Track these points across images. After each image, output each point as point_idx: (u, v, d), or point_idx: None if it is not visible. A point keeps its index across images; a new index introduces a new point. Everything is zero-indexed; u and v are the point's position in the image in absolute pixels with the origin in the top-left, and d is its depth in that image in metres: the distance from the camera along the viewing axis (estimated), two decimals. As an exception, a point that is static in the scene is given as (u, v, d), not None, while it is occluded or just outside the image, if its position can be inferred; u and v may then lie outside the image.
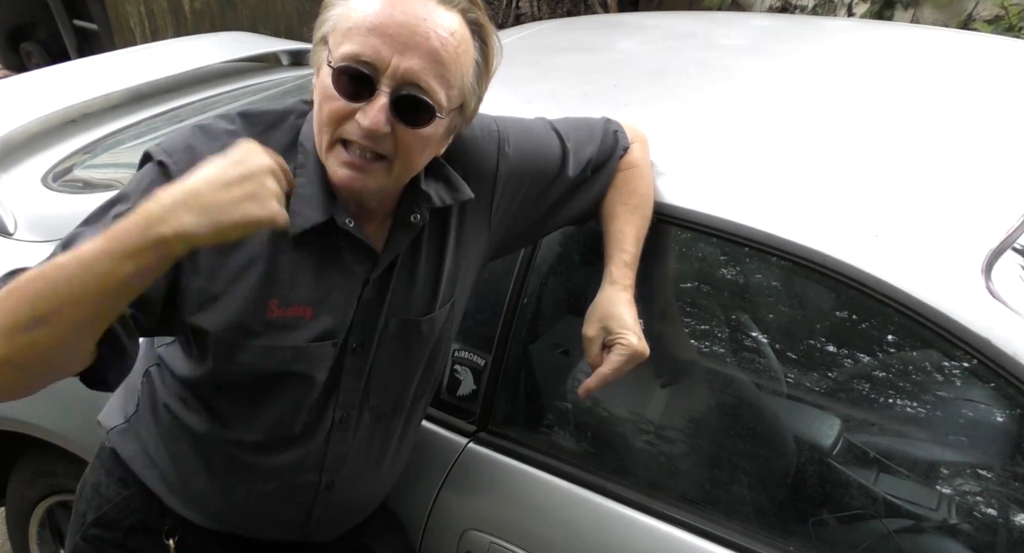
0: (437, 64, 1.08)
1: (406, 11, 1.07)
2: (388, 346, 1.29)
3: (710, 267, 1.57)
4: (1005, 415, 1.30)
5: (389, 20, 1.06)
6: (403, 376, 1.34)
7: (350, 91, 1.08)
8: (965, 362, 1.26)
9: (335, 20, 1.11)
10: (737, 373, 1.55)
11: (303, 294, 1.19)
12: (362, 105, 1.08)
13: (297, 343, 1.20)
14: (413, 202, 1.22)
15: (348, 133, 1.09)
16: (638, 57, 2.10)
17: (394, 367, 1.32)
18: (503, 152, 1.33)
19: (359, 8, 1.08)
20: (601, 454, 1.56)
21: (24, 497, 2.12)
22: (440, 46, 1.08)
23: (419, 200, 1.22)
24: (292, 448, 1.30)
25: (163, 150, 1.14)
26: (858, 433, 1.47)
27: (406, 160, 1.13)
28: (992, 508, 1.32)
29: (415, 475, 1.57)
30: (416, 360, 1.34)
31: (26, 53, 5.79)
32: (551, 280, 1.61)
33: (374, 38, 1.06)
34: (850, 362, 1.47)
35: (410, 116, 1.09)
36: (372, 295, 1.24)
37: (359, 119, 1.08)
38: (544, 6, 5.40)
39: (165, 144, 1.16)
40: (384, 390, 1.33)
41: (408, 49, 1.06)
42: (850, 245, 1.30)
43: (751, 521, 1.40)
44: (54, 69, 2.85)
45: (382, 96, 1.07)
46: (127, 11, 5.18)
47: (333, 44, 1.09)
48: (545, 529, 1.49)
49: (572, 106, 1.84)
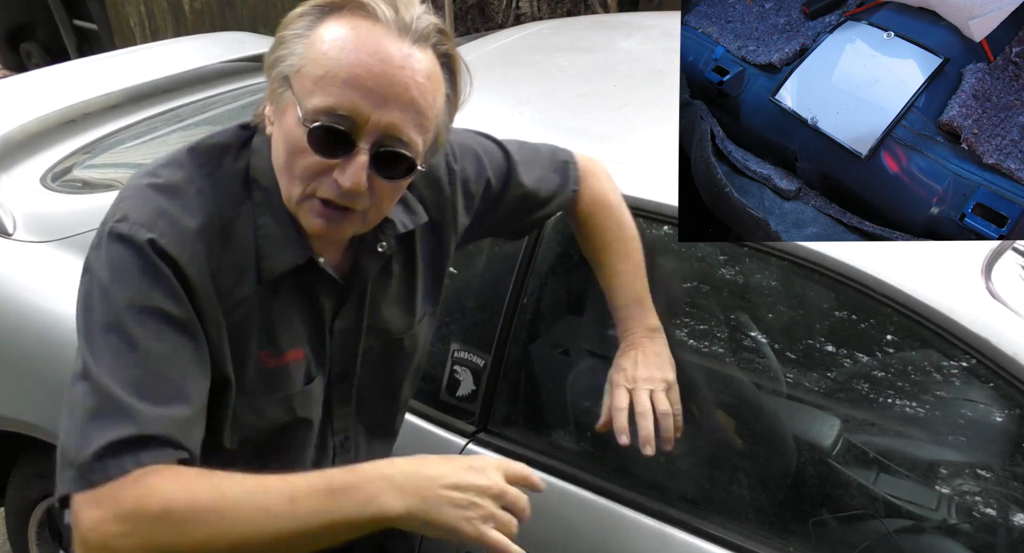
0: (417, 114, 1.02)
1: (384, 59, 0.99)
2: (371, 367, 1.27)
3: (710, 267, 1.57)
4: (1005, 415, 1.30)
5: (367, 72, 0.98)
6: (390, 390, 1.33)
7: (326, 147, 1.00)
8: (965, 362, 1.26)
9: (299, 62, 1.01)
10: (737, 373, 1.55)
11: (291, 337, 1.15)
12: (339, 162, 1.01)
13: (295, 388, 1.17)
14: (379, 230, 1.17)
15: (324, 191, 1.02)
16: (638, 57, 2.10)
17: (379, 384, 1.30)
18: (451, 167, 1.30)
19: (330, 54, 0.99)
20: (601, 455, 1.56)
21: (24, 497, 2.11)
22: (419, 95, 1.01)
23: (384, 228, 1.18)
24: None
25: (140, 225, 1.01)
26: (858, 433, 1.47)
27: (381, 208, 1.09)
28: (992, 508, 1.32)
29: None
30: (402, 373, 1.33)
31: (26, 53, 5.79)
32: (551, 280, 1.61)
33: (351, 91, 0.98)
34: (850, 362, 1.47)
35: (389, 170, 1.03)
36: (348, 323, 1.21)
37: (338, 178, 1.01)
38: (544, 6, 5.40)
39: (135, 216, 1.02)
40: (374, 407, 1.32)
41: (388, 102, 0.99)
42: (850, 245, 1.30)
43: (751, 521, 1.40)
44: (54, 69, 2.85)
45: (362, 154, 1.00)
46: (127, 11, 5.19)
47: (301, 91, 1.01)
48: (545, 529, 1.48)
49: (572, 106, 1.84)
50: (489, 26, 5.47)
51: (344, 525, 0.96)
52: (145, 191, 1.06)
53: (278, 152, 1.05)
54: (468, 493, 0.98)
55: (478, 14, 5.56)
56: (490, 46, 2.41)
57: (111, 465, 0.93)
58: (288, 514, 0.94)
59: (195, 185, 1.07)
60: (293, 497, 0.94)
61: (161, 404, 0.97)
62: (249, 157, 1.12)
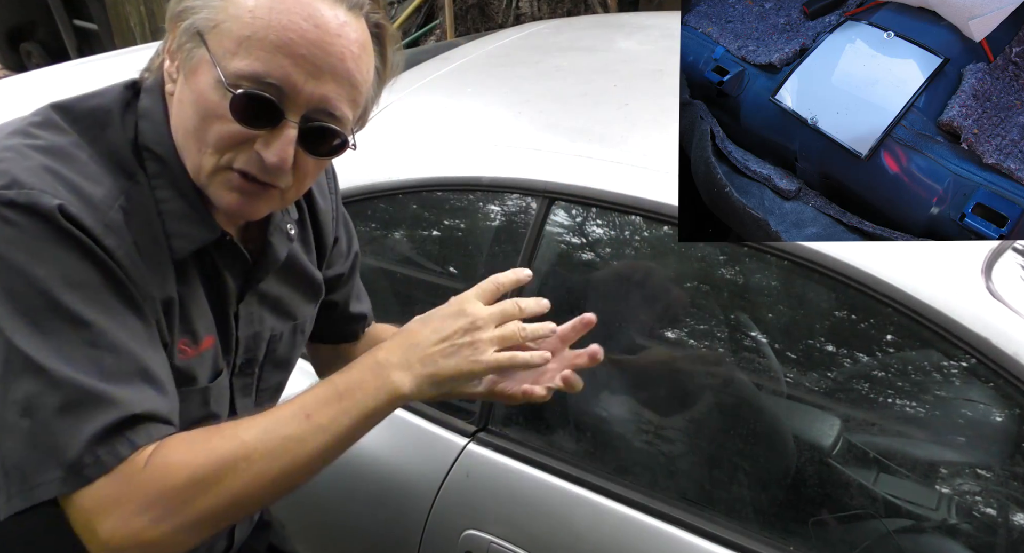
0: (351, 88, 0.95)
1: (319, 25, 0.90)
2: (275, 354, 1.19)
3: (710, 267, 1.57)
4: (1005, 415, 1.30)
5: (300, 37, 0.89)
6: (286, 373, 1.26)
7: (250, 117, 0.91)
8: (965, 362, 1.26)
9: (218, 16, 0.91)
10: (737, 373, 1.55)
11: (205, 323, 1.04)
12: (263, 133, 0.92)
13: (208, 380, 1.06)
14: (285, 211, 1.11)
15: (243, 164, 0.93)
16: (638, 57, 2.10)
17: (279, 369, 1.22)
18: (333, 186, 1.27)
19: (257, 13, 0.89)
20: (601, 454, 1.56)
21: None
22: (354, 67, 0.94)
23: (289, 209, 1.12)
24: None
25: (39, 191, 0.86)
26: (858, 433, 1.47)
27: (302, 185, 1.01)
28: (992, 508, 1.32)
29: (415, 475, 1.57)
30: (296, 355, 1.25)
31: (26, 53, 5.79)
32: (551, 280, 1.61)
33: (282, 57, 0.89)
34: (850, 362, 1.47)
35: (318, 146, 0.96)
36: (254, 307, 1.12)
37: (261, 152, 0.92)
38: (544, 6, 5.40)
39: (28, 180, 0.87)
40: (272, 393, 1.23)
41: (322, 73, 0.91)
42: (850, 245, 1.30)
43: (751, 521, 1.40)
44: (54, 69, 2.85)
45: (289, 127, 0.92)
46: (127, 11, 5.19)
47: (219, 49, 0.90)
48: (545, 529, 1.49)
49: (572, 106, 1.84)
50: (489, 26, 5.47)
51: (366, 418, 0.96)
52: (27, 151, 0.90)
53: (184, 116, 0.95)
54: (458, 337, 0.98)
55: (478, 14, 5.56)
56: (490, 46, 2.41)
57: (104, 454, 0.85)
58: (313, 431, 0.93)
59: (84, 151, 0.94)
60: (309, 415, 0.93)
61: (132, 383, 0.89)
62: (136, 121, 0.99)
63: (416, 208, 1.79)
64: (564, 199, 1.57)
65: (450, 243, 1.85)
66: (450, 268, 1.85)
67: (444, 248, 1.86)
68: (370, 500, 1.65)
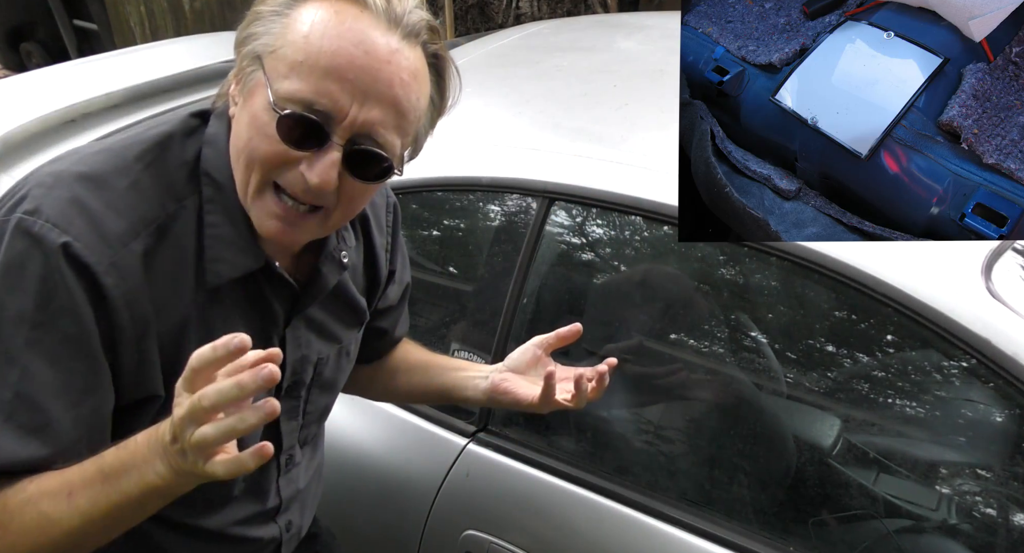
0: (398, 115, 0.95)
1: (369, 50, 0.92)
2: (322, 377, 1.19)
3: (710, 267, 1.57)
4: (1005, 415, 1.30)
5: (349, 63, 0.91)
6: (332, 396, 1.26)
7: (296, 138, 0.92)
8: (965, 362, 1.26)
9: (276, 42, 0.93)
10: (737, 373, 1.55)
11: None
12: (308, 155, 0.93)
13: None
14: (339, 238, 1.12)
15: (287, 184, 0.95)
16: (638, 57, 2.10)
17: (325, 392, 1.23)
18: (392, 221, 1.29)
19: (311, 38, 0.91)
20: (601, 454, 1.56)
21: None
22: (402, 94, 0.95)
23: (344, 236, 1.13)
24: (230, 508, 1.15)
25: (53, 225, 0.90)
26: (858, 433, 1.47)
27: (348, 211, 1.01)
28: (992, 508, 1.32)
29: (415, 475, 1.57)
30: (343, 378, 1.26)
31: (26, 53, 5.78)
32: (551, 280, 1.61)
33: (331, 82, 0.91)
34: (850, 362, 1.47)
35: (363, 170, 0.96)
36: (301, 331, 1.13)
37: (305, 173, 0.93)
38: (544, 6, 5.40)
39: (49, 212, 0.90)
40: (318, 416, 1.24)
41: (369, 98, 0.92)
42: (850, 245, 1.30)
43: (751, 521, 1.40)
44: (54, 69, 2.85)
45: (334, 150, 0.93)
46: (127, 11, 5.18)
47: (274, 72, 0.93)
48: (545, 529, 1.49)
49: (572, 106, 1.84)
50: (489, 26, 5.47)
51: (130, 503, 0.88)
52: (67, 180, 0.94)
53: (239, 136, 0.97)
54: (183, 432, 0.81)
55: (478, 14, 5.56)
56: (490, 46, 2.41)
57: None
58: (71, 513, 0.88)
59: (128, 178, 0.97)
60: (71, 493, 0.88)
61: (22, 436, 0.89)
62: (200, 147, 1.02)
63: (416, 208, 1.79)
64: (564, 199, 1.57)
65: (450, 243, 1.85)
66: (450, 268, 1.85)
67: (444, 248, 1.86)
68: (370, 500, 1.65)
